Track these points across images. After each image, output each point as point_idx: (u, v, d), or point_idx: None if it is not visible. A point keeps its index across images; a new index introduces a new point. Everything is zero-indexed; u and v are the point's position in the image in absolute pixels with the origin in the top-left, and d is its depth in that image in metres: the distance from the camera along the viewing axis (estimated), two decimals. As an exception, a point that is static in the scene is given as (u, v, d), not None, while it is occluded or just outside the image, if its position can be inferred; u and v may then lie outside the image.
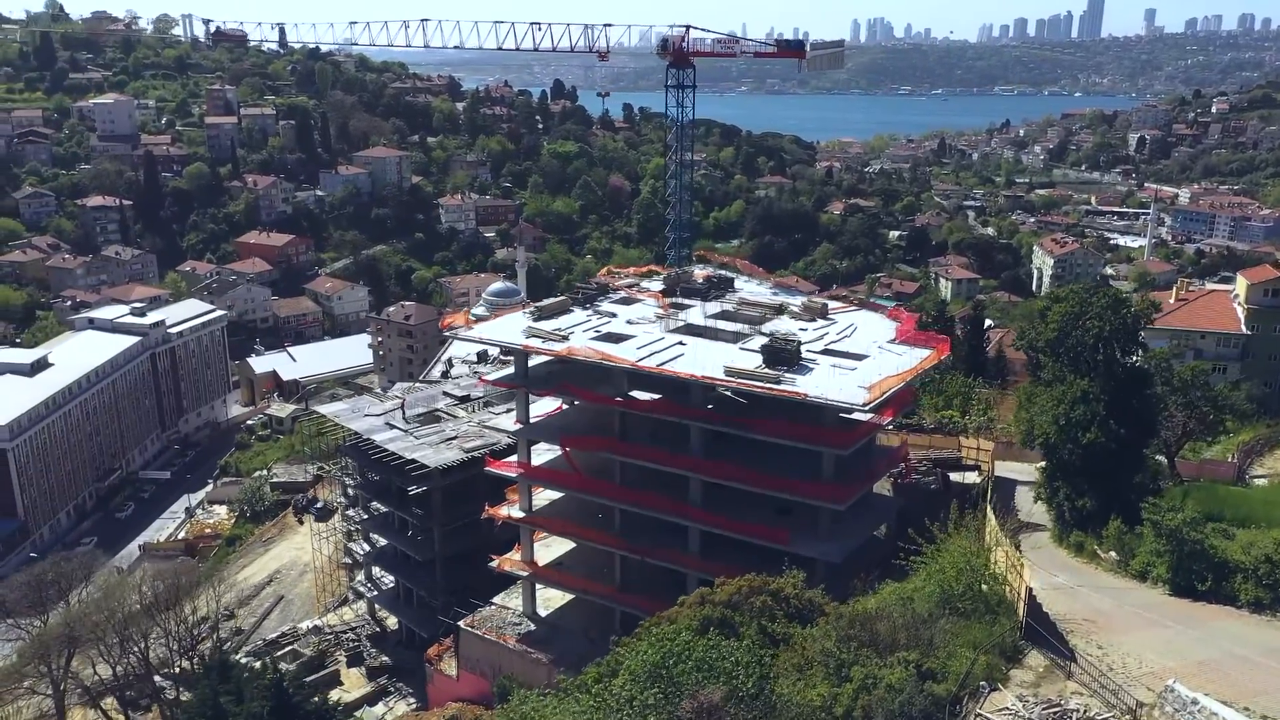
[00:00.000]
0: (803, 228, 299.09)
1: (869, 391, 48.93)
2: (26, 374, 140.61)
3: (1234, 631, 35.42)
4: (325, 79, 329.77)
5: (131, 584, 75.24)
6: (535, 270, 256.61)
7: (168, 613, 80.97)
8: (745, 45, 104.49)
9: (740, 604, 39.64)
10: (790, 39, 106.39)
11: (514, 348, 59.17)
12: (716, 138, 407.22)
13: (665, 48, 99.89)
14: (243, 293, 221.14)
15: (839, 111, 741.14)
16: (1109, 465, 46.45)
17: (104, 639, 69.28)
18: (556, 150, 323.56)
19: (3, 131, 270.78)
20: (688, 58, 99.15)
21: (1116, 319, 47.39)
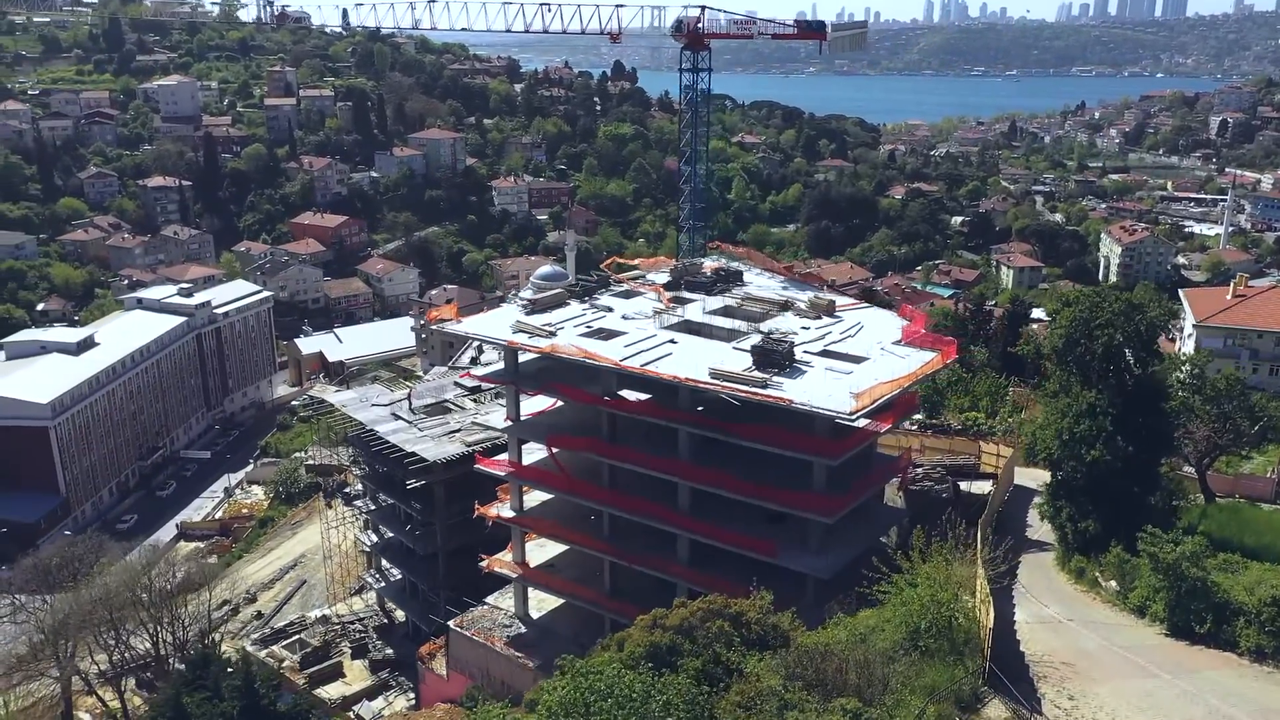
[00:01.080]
0: (861, 212, 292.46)
1: (856, 400, 45.68)
2: (72, 353, 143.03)
3: (1227, 685, 31.83)
4: (384, 60, 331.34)
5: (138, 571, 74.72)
6: (585, 253, 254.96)
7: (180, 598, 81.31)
8: (763, 26, 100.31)
9: (695, 629, 37.02)
10: (810, 19, 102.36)
11: (498, 343, 57.06)
12: (778, 120, 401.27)
13: (679, 29, 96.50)
14: (295, 273, 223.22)
15: (908, 93, 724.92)
16: (1115, 485, 42.80)
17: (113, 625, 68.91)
18: (612, 132, 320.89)
19: (71, 113, 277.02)
20: (703, 39, 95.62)
21: (1129, 327, 43.55)
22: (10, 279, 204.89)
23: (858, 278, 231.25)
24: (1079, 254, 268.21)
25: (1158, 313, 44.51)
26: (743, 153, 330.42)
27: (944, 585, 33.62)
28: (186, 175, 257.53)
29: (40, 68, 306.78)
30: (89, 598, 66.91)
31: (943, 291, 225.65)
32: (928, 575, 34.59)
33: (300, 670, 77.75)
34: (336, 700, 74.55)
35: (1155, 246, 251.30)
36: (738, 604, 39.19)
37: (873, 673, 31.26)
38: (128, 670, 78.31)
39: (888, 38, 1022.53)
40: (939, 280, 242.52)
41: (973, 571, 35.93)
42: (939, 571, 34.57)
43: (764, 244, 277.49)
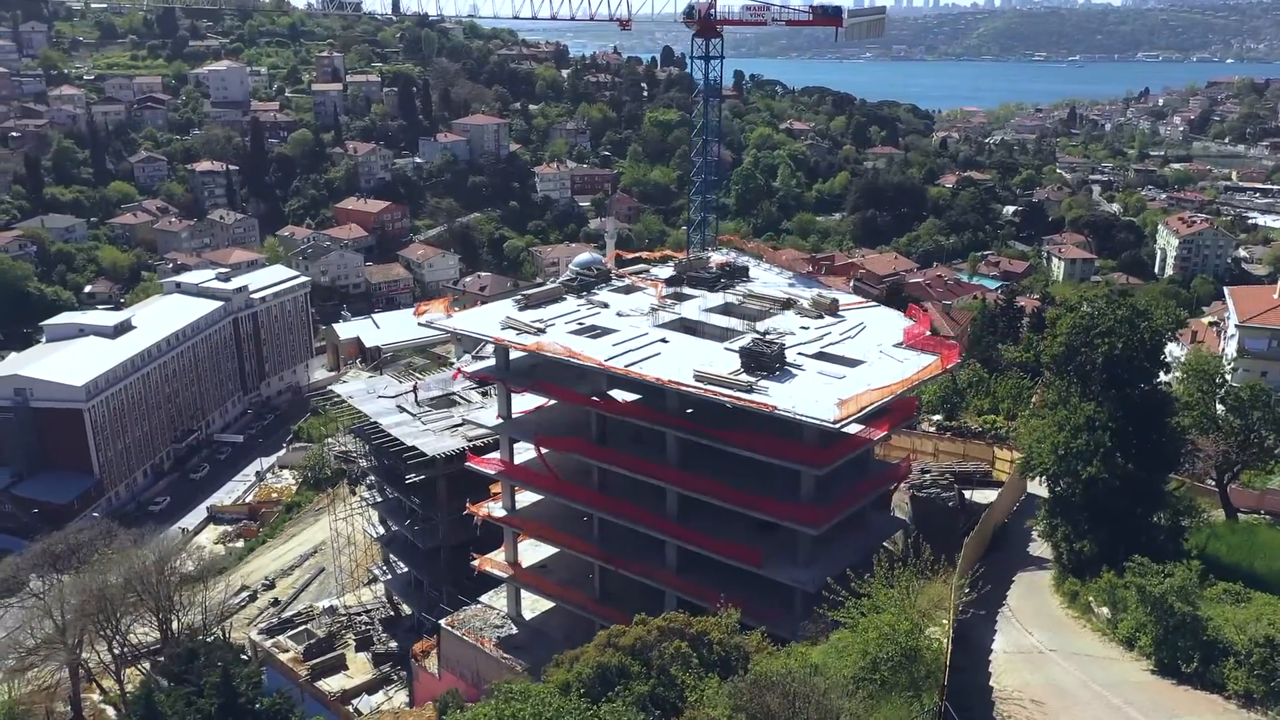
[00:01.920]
0: (909, 201, 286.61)
1: (840, 408, 43.49)
2: (109, 336, 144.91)
3: (1206, 732, 29.41)
4: (431, 46, 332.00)
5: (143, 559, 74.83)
6: (626, 241, 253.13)
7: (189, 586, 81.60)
8: (777, 12, 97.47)
9: (650, 649, 35.32)
10: (826, 4, 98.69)
11: (484, 339, 55.69)
12: (829, 106, 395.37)
13: (690, 15, 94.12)
14: (336, 258, 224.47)
15: (966, 79, 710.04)
16: (1114, 504, 40.12)
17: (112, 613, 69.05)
18: (658, 118, 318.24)
19: (124, 98, 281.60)
20: (714, 26, 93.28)
21: (1133, 337, 40.73)
22: (60, 261, 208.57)
23: (901, 268, 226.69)
24: (1134, 246, 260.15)
25: (1163, 321, 41.61)
26: (790, 140, 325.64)
27: (904, 614, 31.45)
28: (234, 160, 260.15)
29: (96, 53, 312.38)
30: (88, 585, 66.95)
31: (990, 283, 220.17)
32: (888, 601, 32.44)
33: (304, 661, 77.55)
34: (336, 693, 74.18)
35: (1214, 239, 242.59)
36: (700, 623, 37.44)
37: (826, 708, 29.30)
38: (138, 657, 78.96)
39: (946, 23, 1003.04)
40: (986, 271, 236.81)
41: (945, 594, 33.72)
42: (902, 597, 32.39)
43: (809, 232, 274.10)
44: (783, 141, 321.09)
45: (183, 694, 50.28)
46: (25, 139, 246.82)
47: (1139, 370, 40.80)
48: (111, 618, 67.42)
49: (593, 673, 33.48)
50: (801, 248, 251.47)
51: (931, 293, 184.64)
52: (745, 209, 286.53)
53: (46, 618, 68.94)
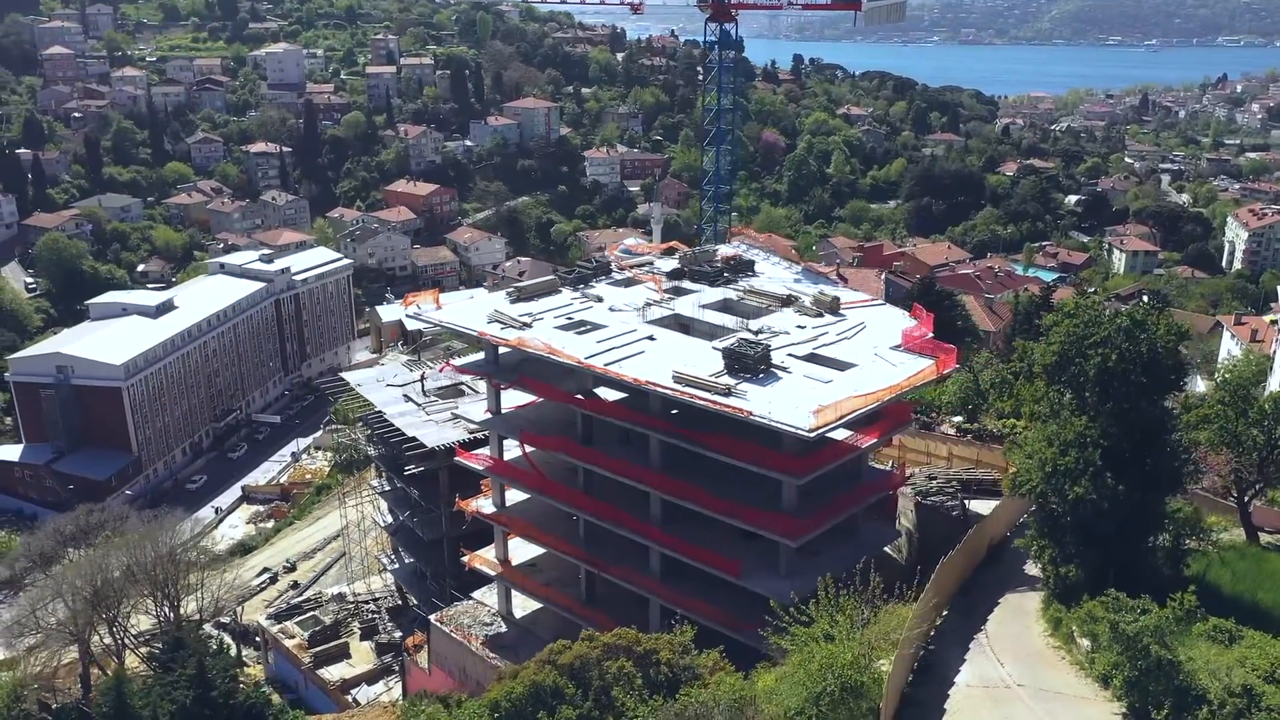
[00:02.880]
0: (966, 189, 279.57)
1: (815, 416, 41.22)
2: (151, 316, 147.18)
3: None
4: (485, 29, 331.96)
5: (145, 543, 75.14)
6: (674, 227, 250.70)
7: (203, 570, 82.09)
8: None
9: (590, 668, 33.66)
10: None
11: (468, 333, 54.30)
12: (889, 91, 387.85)
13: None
14: (383, 240, 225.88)
15: (1036, 64, 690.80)
16: (1102, 527, 37.33)
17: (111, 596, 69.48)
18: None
19: (184, 79, 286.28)
20: (729, 11, 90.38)
21: (1131, 347, 37.76)
22: (115, 240, 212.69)
23: (954, 258, 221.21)
24: (1202, 238, 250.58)
25: (1164, 333, 38.51)
26: (846, 125, 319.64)
27: (847, 644, 29.32)
28: (288, 142, 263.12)
29: (159, 35, 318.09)
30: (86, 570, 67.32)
31: (1046, 275, 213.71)
32: (839, 629, 30.32)
33: (307, 648, 77.47)
34: (336, 682, 73.96)
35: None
36: (650, 640, 35.67)
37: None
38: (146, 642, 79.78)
39: (1017, 5, 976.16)
40: (1043, 263, 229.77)
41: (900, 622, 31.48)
42: (848, 624, 30.24)
43: (861, 220, 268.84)
44: (838, 127, 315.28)
45: (154, 685, 49.98)
46: (87, 119, 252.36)
47: (1136, 385, 37.80)
48: (111, 603, 67.60)
49: (525, 692, 31.93)
50: (853, 235, 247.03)
51: (980, 285, 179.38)
52: (797, 196, 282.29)
53: (56, 599, 69.50)
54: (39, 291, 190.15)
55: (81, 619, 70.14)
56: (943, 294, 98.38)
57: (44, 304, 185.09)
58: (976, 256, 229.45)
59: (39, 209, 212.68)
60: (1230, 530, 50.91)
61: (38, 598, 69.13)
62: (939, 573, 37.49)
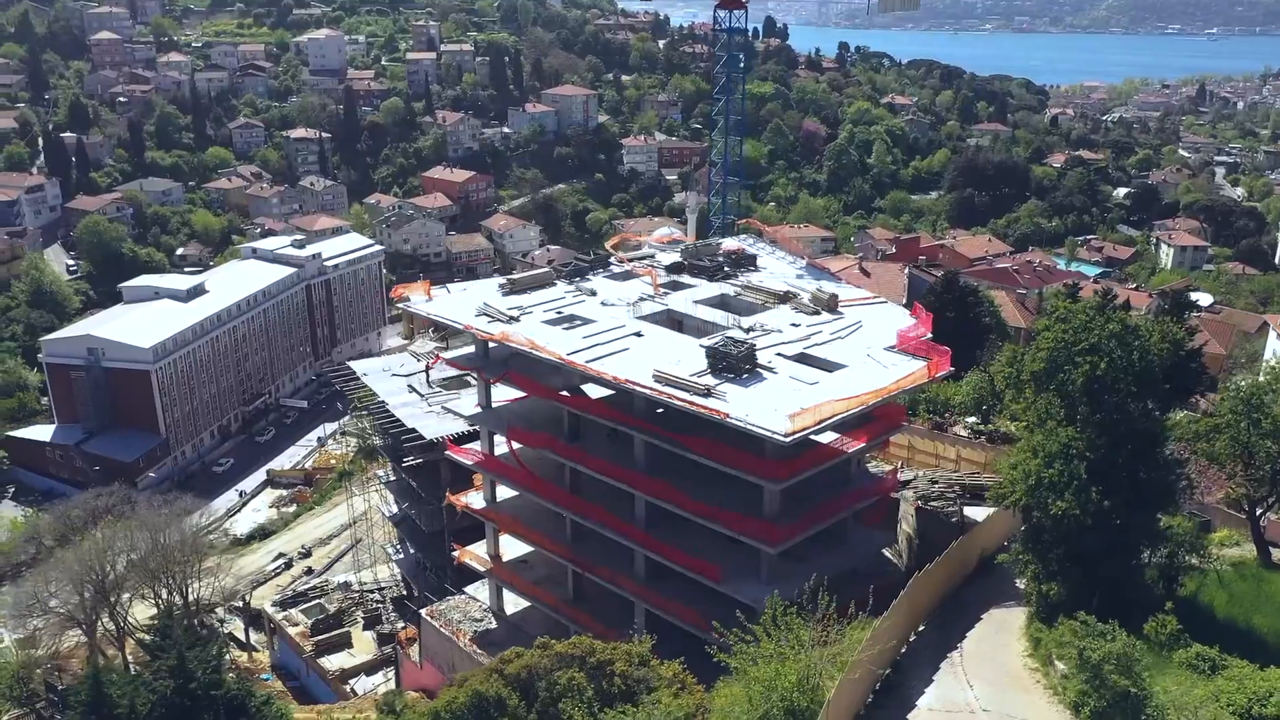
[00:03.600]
0: (1011, 181, 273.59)
1: (791, 420, 39.71)
2: (182, 299, 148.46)
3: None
4: (526, 15, 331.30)
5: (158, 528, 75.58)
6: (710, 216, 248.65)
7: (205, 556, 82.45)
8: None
9: (539, 678, 32.62)
10: None
11: (454, 326, 53.44)
12: (935, 80, 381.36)
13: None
14: (418, 227, 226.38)
15: (1091, 52, 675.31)
16: (1086, 544, 35.50)
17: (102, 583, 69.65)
18: (751, 91, 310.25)
19: (228, 65, 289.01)
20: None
21: (1121, 355, 35.80)
22: (155, 223, 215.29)
23: (994, 251, 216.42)
24: (1255, 234, 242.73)
25: (1158, 341, 36.41)
26: (890, 115, 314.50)
27: (793, 664, 27.90)
28: (327, 127, 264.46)
29: (206, 21, 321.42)
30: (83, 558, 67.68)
31: (1089, 270, 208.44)
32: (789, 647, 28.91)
33: (310, 636, 77.52)
34: (335, 672, 73.86)
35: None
36: (606, 650, 34.52)
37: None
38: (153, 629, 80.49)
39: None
40: (1087, 257, 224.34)
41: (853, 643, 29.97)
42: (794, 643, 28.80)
43: (902, 212, 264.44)
44: (881, 116, 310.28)
45: (133, 677, 49.87)
46: (132, 104, 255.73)
47: (1126, 394, 35.86)
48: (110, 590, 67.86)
49: (467, 702, 30.98)
50: (893, 227, 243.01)
51: (1018, 279, 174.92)
52: (837, 186, 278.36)
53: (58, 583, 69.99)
54: (79, 274, 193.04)
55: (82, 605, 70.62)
56: (966, 290, 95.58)
57: (83, 286, 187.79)
58: (1018, 250, 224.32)
59: (82, 192, 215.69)
60: (1242, 545, 48.75)
61: (40, 581, 69.66)
62: (912, 587, 35.93)
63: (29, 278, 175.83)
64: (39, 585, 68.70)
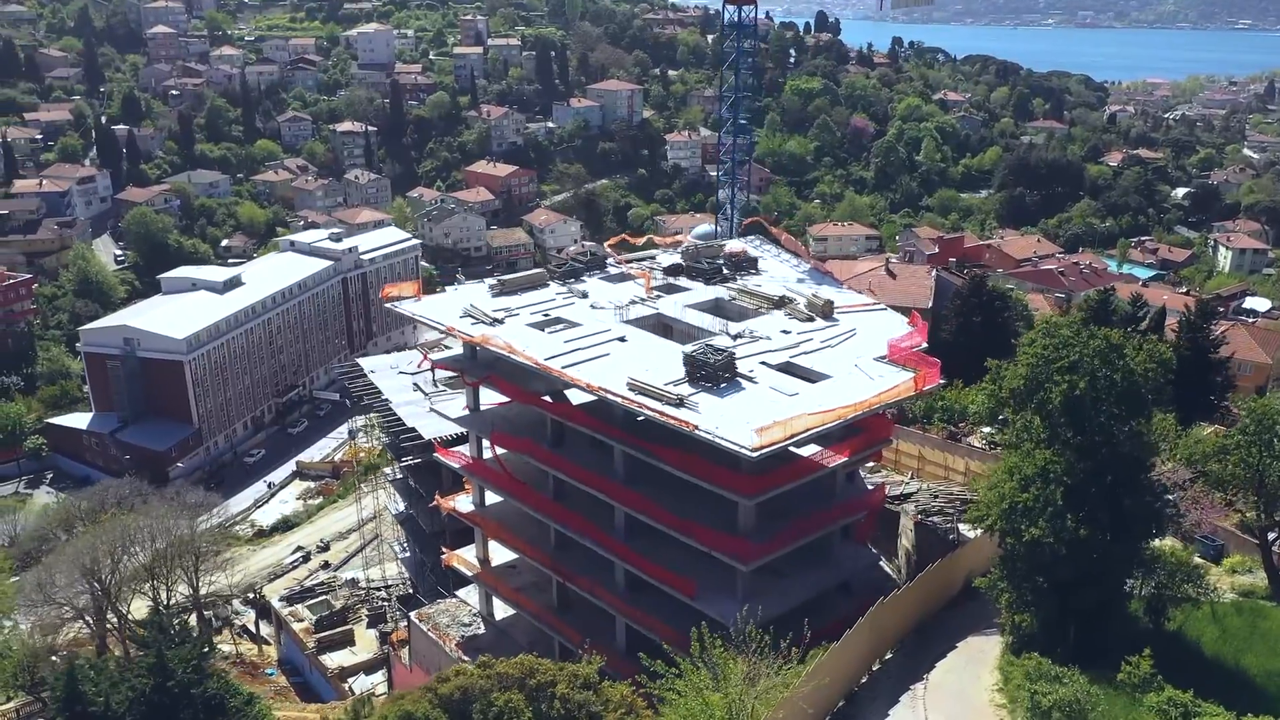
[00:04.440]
0: (1064, 179, 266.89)
1: (759, 435, 38.07)
2: (218, 291, 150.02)
3: None
4: (574, 9, 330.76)
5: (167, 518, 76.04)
6: (753, 213, 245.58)
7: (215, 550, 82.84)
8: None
9: (473, 700, 31.50)
10: None
11: (436, 326, 52.54)
12: (991, 76, 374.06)
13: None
14: (459, 221, 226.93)
15: (1157, 48, 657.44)
16: (1060, 573, 33.48)
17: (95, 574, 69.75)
18: (799, 86, 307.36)
19: (279, 59, 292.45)
20: None
21: (1104, 374, 33.66)
22: (202, 215, 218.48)
23: (1043, 252, 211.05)
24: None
25: (1143, 360, 34.08)
26: (941, 111, 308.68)
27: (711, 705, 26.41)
28: (374, 121, 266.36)
29: (259, 15, 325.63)
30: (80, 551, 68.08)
31: (1142, 272, 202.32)
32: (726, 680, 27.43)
33: (313, 633, 77.47)
34: (335, 670, 73.65)
35: None
36: (548, 671, 33.28)
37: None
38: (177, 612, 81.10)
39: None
40: (1141, 259, 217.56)
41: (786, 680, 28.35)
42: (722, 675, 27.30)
43: (950, 210, 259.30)
44: (932, 113, 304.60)
45: (111, 673, 49.82)
46: (184, 97, 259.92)
47: (1108, 416, 33.70)
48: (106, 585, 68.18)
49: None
50: (939, 226, 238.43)
51: (1063, 281, 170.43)
52: (884, 184, 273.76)
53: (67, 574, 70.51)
54: (126, 264, 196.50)
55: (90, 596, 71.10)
56: (993, 294, 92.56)
57: (129, 276, 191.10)
58: (1068, 251, 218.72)
59: (132, 184, 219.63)
60: (1254, 571, 46.30)
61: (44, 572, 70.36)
62: (873, 614, 34.18)
63: (75, 267, 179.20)
64: (43, 575, 69.40)
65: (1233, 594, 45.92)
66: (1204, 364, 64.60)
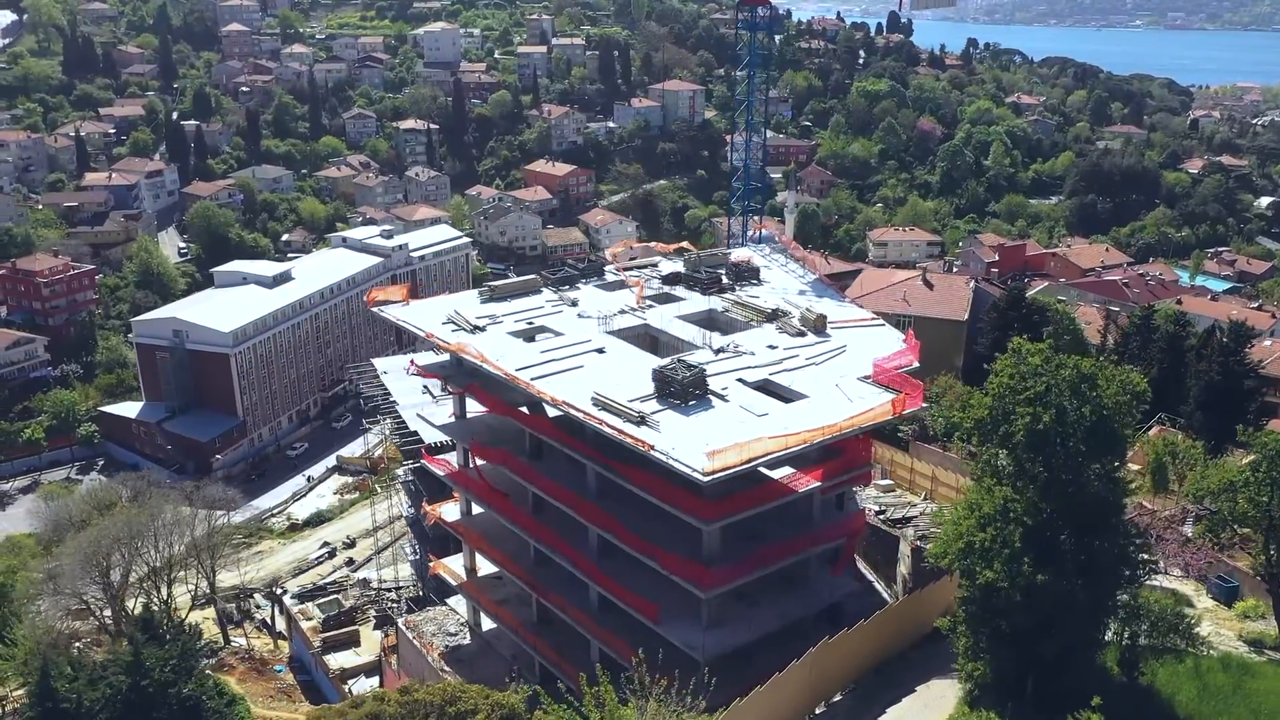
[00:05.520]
0: (1139, 187, 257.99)
1: (711, 459, 36.25)
2: (268, 286, 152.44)
3: None
4: (640, 9, 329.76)
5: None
6: (811, 216, 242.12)
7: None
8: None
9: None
10: None
11: (417, 332, 51.69)
12: (1068, 79, 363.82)
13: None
14: (514, 219, 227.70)
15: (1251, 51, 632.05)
16: (1017, 621, 31.10)
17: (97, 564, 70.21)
18: (865, 88, 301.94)
19: (348, 57, 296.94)
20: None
21: (1073, 409, 31.15)
22: (264, 210, 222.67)
23: (1111, 261, 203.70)
24: None
25: (1115, 393, 31.37)
26: (1012, 115, 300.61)
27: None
28: (437, 119, 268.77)
29: (330, 14, 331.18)
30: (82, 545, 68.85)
31: (1216, 285, 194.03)
32: None
33: (320, 632, 77.47)
34: (336, 671, 73.45)
35: None
36: (472, 698, 31.99)
37: None
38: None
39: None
40: (1216, 271, 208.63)
41: None
42: None
43: (1017, 216, 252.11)
44: (1003, 116, 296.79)
45: (93, 670, 50.01)
46: (253, 94, 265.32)
47: (1074, 453, 31.17)
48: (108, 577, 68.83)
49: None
50: (1005, 233, 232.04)
51: (1127, 293, 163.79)
52: (950, 188, 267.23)
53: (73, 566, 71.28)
54: (189, 256, 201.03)
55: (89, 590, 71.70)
56: (1034, 307, 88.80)
57: (190, 268, 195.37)
58: (1138, 261, 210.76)
59: (198, 178, 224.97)
60: (1268, 618, 43.21)
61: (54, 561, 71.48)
62: (815, 655, 32.16)
63: (138, 259, 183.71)
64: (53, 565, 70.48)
65: (1240, 641, 42.86)
66: (1237, 390, 60.71)
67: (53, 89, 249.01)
